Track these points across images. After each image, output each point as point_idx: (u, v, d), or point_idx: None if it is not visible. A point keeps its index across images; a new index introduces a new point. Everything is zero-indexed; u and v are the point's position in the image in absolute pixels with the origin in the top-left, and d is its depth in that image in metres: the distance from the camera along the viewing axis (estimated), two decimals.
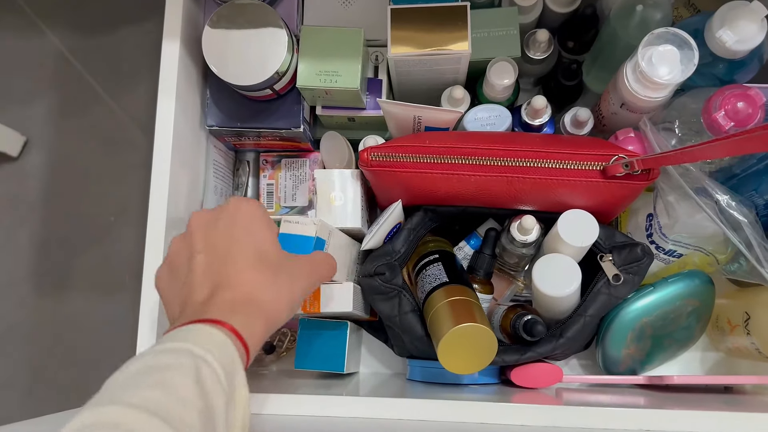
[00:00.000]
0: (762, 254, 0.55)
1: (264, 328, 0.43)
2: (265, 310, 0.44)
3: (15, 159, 1.13)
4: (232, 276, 0.44)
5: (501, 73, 0.65)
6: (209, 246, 0.46)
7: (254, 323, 0.42)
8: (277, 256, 0.47)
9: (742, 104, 0.53)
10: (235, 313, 0.42)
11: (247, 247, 0.46)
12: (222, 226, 0.47)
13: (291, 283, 0.47)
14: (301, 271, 0.49)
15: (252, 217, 0.48)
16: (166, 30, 0.60)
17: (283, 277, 0.46)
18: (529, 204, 0.64)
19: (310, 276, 0.50)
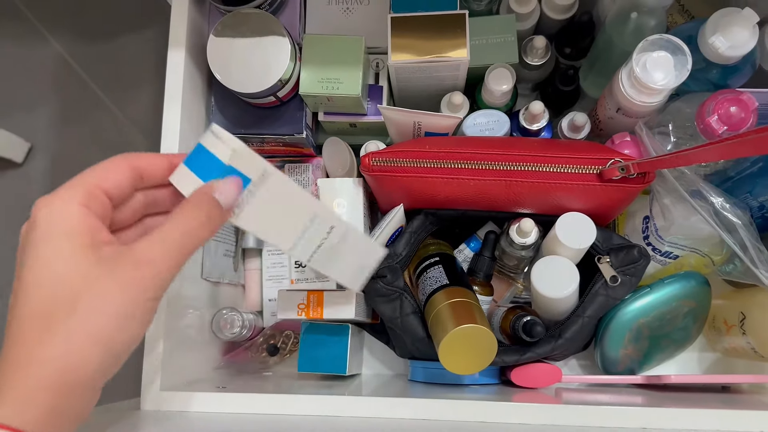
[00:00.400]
0: (756, 255, 0.57)
1: (54, 399, 0.30)
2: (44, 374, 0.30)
3: (20, 165, 1.15)
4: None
5: (499, 79, 0.66)
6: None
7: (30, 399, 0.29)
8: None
9: (735, 109, 0.54)
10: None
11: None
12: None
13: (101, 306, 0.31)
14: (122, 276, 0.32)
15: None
16: (171, 38, 0.62)
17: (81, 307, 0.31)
18: (527, 207, 0.65)
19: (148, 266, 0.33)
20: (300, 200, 0.44)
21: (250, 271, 0.74)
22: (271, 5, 0.65)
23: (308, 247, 0.46)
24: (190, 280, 0.65)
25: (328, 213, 0.47)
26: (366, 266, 0.52)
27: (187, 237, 0.35)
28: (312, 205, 0.45)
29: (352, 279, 0.52)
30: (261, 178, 0.40)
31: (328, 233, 0.47)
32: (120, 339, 0.31)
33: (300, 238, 0.45)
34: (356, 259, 0.51)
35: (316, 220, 0.45)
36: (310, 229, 0.45)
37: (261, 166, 0.40)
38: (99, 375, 0.31)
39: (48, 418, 0.29)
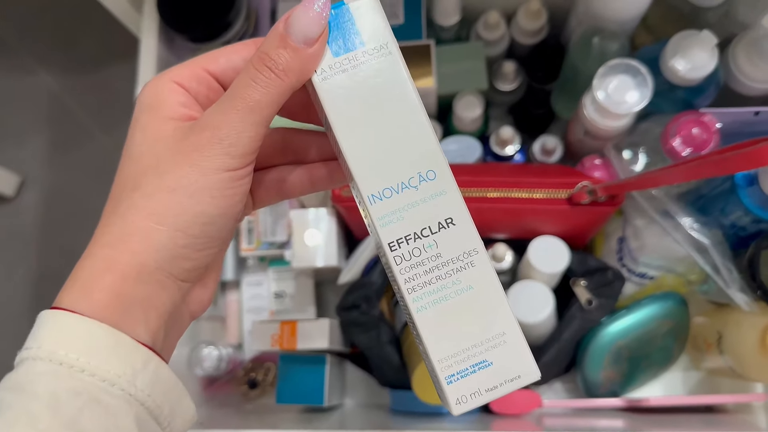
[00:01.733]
0: (727, 276, 0.56)
1: (118, 284, 0.27)
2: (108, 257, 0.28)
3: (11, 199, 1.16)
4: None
5: (467, 107, 0.66)
6: None
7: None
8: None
9: (697, 130, 0.54)
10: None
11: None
12: None
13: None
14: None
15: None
16: (140, 77, 0.63)
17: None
18: (502, 232, 0.65)
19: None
20: (418, 127, 0.28)
21: (229, 303, 0.74)
22: (240, 40, 0.65)
23: (404, 227, 0.28)
24: None
25: (466, 219, 0.28)
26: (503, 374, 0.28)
27: (251, 89, 0.27)
28: (435, 154, 0.28)
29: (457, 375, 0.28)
30: (379, 50, 0.28)
31: (465, 257, 0.28)
32: (186, 217, 0.28)
33: (395, 192, 0.29)
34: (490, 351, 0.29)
35: (431, 185, 0.28)
36: (416, 194, 0.28)
37: (386, 37, 0.28)
38: (167, 258, 0.28)
39: (115, 303, 0.27)
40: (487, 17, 0.67)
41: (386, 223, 0.28)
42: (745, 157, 0.44)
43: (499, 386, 0.28)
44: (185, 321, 0.32)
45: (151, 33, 0.64)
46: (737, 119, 0.57)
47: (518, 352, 0.28)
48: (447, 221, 0.28)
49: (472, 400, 0.28)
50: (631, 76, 0.57)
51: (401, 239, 0.28)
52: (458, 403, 0.28)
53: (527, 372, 0.28)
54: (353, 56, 0.28)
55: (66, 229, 1.13)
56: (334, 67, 0.28)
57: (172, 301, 0.29)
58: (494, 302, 0.28)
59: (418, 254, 0.28)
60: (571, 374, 0.69)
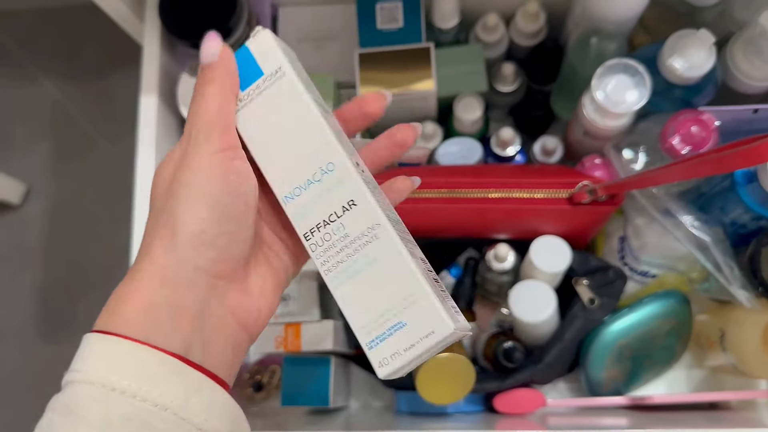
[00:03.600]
0: (729, 273, 0.57)
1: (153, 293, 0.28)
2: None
3: (17, 207, 1.17)
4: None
5: (467, 109, 0.67)
6: None
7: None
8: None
9: (696, 128, 0.55)
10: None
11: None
12: None
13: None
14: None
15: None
16: (143, 84, 0.63)
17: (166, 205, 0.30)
18: (504, 232, 0.66)
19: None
20: (313, 129, 0.32)
21: None
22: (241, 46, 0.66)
23: (314, 217, 0.32)
24: None
25: (366, 199, 0.31)
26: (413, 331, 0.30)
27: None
28: (331, 148, 0.31)
29: (374, 335, 0.31)
30: (274, 74, 0.32)
31: (369, 231, 0.31)
32: (191, 202, 0.29)
33: (303, 189, 0.32)
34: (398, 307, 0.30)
35: (332, 176, 0.31)
36: (320, 186, 0.31)
37: (279, 62, 0.32)
38: (188, 252, 0.28)
39: (142, 315, 0.28)
40: (486, 20, 0.68)
41: (300, 218, 0.32)
42: (744, 155, 0.45)
43: (416, 344, 0.30)
44: (230, 329, 0.31)
45: (153, 40, 0.64)
46: (736, 117, 0.57)
47: (428, 309, 0.30)
48: (349, 203, 0.31)
49: (393, 361, 0.30)
50: (630, 76, 0.57)
51: (313, 228, 0.31)
52: (381, 365, 0.30)
53: (439, 326, 0.30)
54: (256, 85, 0.32)
55: (71, 236, 1.14)
56: (244, 99, 0.32)
57: (202, 299, 0.29)
58: (399, 268, 0.30)
59: (329, 238, 0.31)
60: (574, 373, 0.69)
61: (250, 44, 0.33)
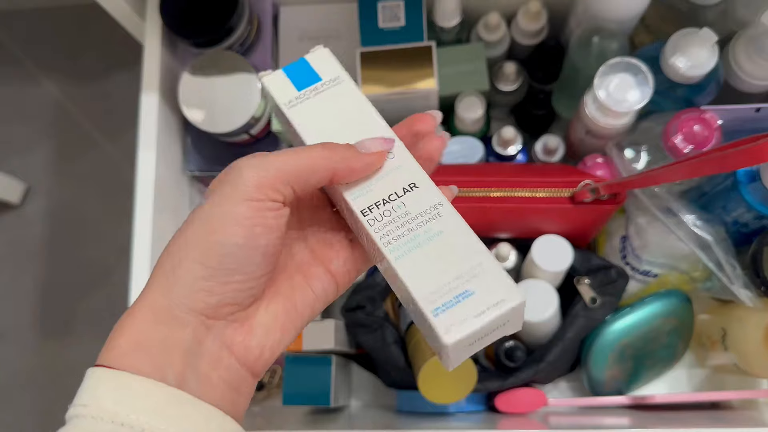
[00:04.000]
0: (731, 272, 0.57)
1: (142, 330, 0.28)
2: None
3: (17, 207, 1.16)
4: None
5: (469, 108, 0.66)
6: None
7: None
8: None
9: (699, 127, 0.55)
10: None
11: None
12: None
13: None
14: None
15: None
16: (144, 83, 0.63)
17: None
18: (505, 231, 0.66)
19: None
20: (370, 121, 0.34)
21: None
22: (242, 45, 0.66)
23: (372, 196, 0.32)
24: None
25: (427, 182, 0.32)
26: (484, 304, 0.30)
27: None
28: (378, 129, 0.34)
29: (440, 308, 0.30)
30: (333, 80, 0.35)
31: (431, 210, 0.32)
32: (202, 247, 0.29)
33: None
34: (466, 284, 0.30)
35: (390, 162, 0.33)
36: (378, 171, 0.33)
37: (338, 72, 0.35)
38: (185, 292, 0.28)
39: (136, 349, 0.28)
40: (488, 19, 0.68)
41: (356, 197, 0.32)
42: (747, 154, 0.44)
43: (485, 311, 0.29)
44: (229, 367, 0.30)
45: (154, 39, 0.64)
46: (738, 116, 0.57)
47: (498, 278, 0.30)
48: (410, 185, 0.32)
49: (460, 328, 0.29)
50: (632, 75, 0.57)
51: (371, 206, 0.32)
52: (447, 331, 0.29)
53: (510, 296, 0.29)
54: (314, 87, 0.35)
55: (71, 236, 1.14)
56: (300, 97, 0.34)
57: (196, 338, 0.29)
58: (466, 240, 0.31)
59: (389, 215, 0.32)
60: (576, 373, 0.69)
61: (307, 57, 0.36)
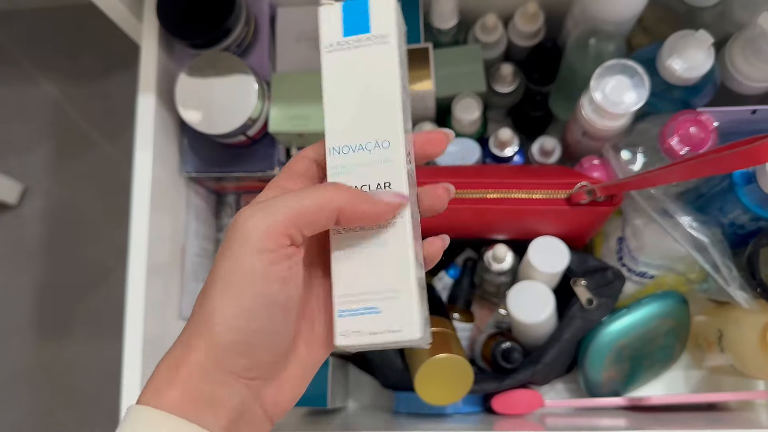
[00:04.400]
0: (727, 274, 0.57)
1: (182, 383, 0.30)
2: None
3: (14, 207, 1.16)
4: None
5: (466, 109, 0.67)
6: None
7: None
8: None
9: (695, 129, 0.55)
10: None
11: None
12: None
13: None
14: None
15: None
16: (141, 84, 0.63)
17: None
18: (502, 233, 0.66)
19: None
20: (389, 103, 0.32)
21: None
22: (239, 46, 0.66)
23: (348, 178, 0.32)
24: (169, 320, 0.66)
25: (402, 186, 0.32)
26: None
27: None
28: (395, 128, 0.32)
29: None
30: (380, 38, 0.33)
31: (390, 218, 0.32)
32: (231, 312, 0.30)
33: (351, 150, 0.33)
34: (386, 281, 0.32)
35: (382, 152, 0.32)
36: (367, 156, 0.32)
37: (390, 29, 0.33)
38: (221, 356, 0.30)
39: (186, 400, 0.29)
40: (485, 20, 0.68)
41: (335, 174, 0.32)
42: (743, 156, 0.45)
43: (380, 333, 0.31)
44: (262, 424, 0.32)
45: (151, 40, 0.64)
46: (734, 118, 0.57)
47: (407, 310, 0.31)
48: (385, 184, 0.32)
49: (354, 337, 0.31)
50: (628, 77, 0.57)
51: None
52: (342, 335, 0.31)
53: (408, 328, 0.31)
54: (358, 38, 0.33)
55: (69, 236, 1.14)
56: (342, 43, 0.33)
57: (240, 398, 0.30)
58: (400, 263, 0.32)
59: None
60: (572, 374, 0.69)
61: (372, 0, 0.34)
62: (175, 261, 0.68)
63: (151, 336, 0.61)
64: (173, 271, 0.67)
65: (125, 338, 0.59)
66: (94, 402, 1.01)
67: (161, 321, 0.64)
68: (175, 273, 0.68)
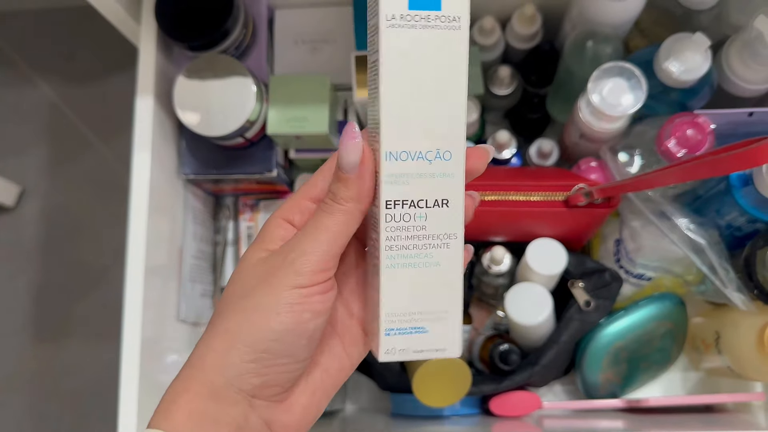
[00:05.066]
0: (724, 276, 0.57)
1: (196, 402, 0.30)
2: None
3: (11, 209, 1.16)
4: None
5: None
6: None
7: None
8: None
9: (692, 131, 0.55)
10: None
11: None
12: None
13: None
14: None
15: None
16: (139, 86, 0.63)
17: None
18: (500, 235, 0.66)
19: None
20: (454, 108, 0.29)
21: None
22: (237, 49, 0.66)
23: (405, 191, 0.30)
24: (167, 322, 0.66)
25: (460, 206, 0.30)
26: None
27: (320, 216, 0.31)
28: (458, 138, 0.30)
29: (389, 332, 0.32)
30: (450, 20, 0.29)
31: (444, 237, 0.31)
32: (252, 333, 0.30)
33: (410, 157, 0.30)
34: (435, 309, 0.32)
35: (443, 165, 0.30)
36: (427, 167, 0.30)
37: (462, 11, 0.29)
38: (235, 374, 0.30)
39: (189, 422, 0.30)
40: (482, 23, 0.68)
41: (391, 182, 0.30)
42: (740, 158, 0.45)
43: (426, 351, 0.32)
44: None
45: (149, 42, 0.64)
46: (731, 120, 0.58)
47: (452, 330, 0.32)
48: (443, 201, 0.30)
49: (398, 354, 0.31)
50: (626, 79, 0.57)
51: (398, 201, 0.30)
52: (387, 352, 0.31)
53: (451, 349, 0.32)
54: (426, 15, 0.28)
55: (66, 239, 1.13)
56: (405, 17, 0.28)
57: (244, 417, 0.30)
58: (451, 283, 0.31)
59: (408, 219, 0.30)
60: (570, 376, 0.70)
61: None
62: (173, 263, 0.68)
63: (149, 338, 0.61)
64: (171, 273, 0.67)
65: (123, 340, 0.59)
66: (91, 404, 1.01)
67: (159, 323, 0.64)
68: (173, 275, 0.68)
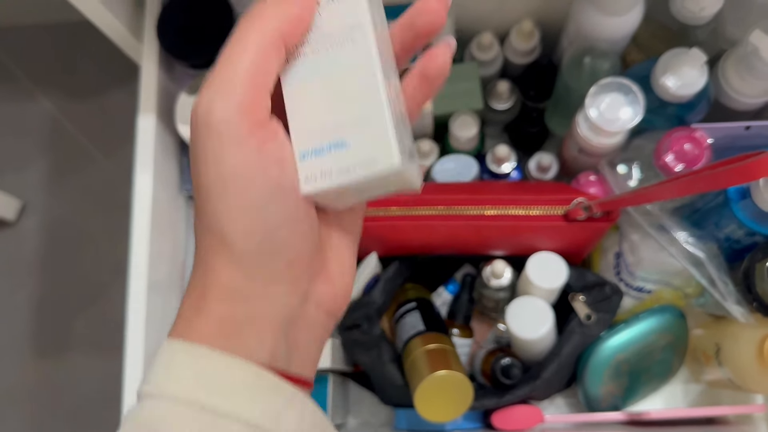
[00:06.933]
0: (723, 288, 0.57)
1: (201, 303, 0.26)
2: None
3: (13, 223, 1.16)
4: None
5: (463, 126, 0.67)
6: None
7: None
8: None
9: (689, 146, 0.55)
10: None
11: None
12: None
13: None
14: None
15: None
16: (141, 104, 0.64)
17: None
18: (500, 249, 0.66)
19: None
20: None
21: None
22: None
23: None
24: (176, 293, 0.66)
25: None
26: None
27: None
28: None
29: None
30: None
31: (348, 30, 0.27)
32: (238, 205, 0.25)
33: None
34: None
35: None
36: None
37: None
38: (253, 262, 0.26)
39: (221, 329, 0.26)
40: (481, 38, 0.68)
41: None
42: (737, 172, 0.45)
43: (351, 168, 0.26)
44: (317, 322, 0.29)
45: (151, 60, 0.65)
46: (728, 134, 0.58)
47: (381, 136, 0.25)
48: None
49: (321, 180, 0.26)
50: (623, 94, 0.58)
51: None
52: (306, 180, 0.26)
53: (386, 158, 0.25)
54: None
55: (67, 253, 1.14)
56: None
57: (284, 305, 0.27)
58: (367, 82, 0.26)
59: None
60: (572, 389, 0.70)
61: None
62: (175, 278, 0.68)
63: (152, 353, 0.61)
64: (173, 288, 0.68)
65: (126, 356, 0.59)
66: (91, 418, 1.01)
67: (161, 338, 0.64)
68: (175, 290, 0.68)
